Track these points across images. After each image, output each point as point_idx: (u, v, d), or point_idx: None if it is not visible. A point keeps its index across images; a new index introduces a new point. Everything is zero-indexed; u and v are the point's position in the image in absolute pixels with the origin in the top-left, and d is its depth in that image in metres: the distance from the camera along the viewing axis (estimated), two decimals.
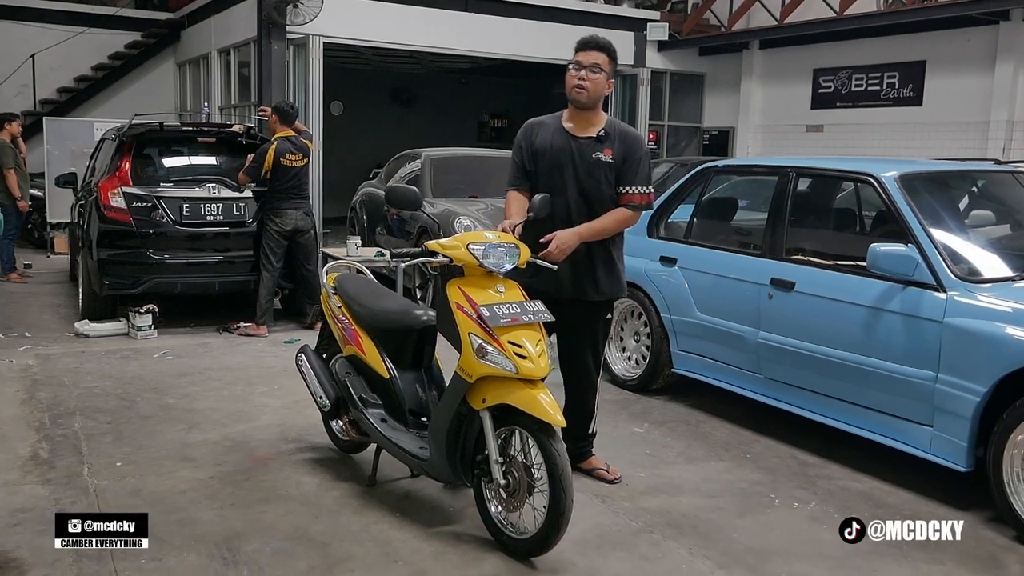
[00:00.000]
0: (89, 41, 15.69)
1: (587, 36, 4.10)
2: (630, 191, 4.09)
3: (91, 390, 5.83)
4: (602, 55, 4.03)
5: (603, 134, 4.08)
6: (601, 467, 4.42)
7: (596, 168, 4.06)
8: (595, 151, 4.06)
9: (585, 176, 4.07)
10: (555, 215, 4.03)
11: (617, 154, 4.07)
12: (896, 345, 4.33)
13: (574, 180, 4.07)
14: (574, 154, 4.07)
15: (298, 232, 7.78)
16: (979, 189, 5.60)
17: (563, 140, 4.11)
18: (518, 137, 4.28)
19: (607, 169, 4.07)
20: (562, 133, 4.13)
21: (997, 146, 12.27)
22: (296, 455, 4.73)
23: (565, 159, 4.08)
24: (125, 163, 7.62)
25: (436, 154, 10.12)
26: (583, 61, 4.03)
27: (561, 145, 4.10)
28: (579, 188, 4.07)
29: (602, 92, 4.06)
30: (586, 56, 4.03)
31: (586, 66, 4.01)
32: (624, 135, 4.12)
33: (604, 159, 4.05)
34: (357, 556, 3.59)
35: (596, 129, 4.09)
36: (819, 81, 14.80)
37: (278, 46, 12.84)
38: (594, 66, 4.00)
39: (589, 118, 4.12)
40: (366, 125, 19.29)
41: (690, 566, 3.57)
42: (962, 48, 12.83)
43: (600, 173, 4.06)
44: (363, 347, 4.25)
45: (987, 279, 4.24)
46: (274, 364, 6.63)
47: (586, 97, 4.04)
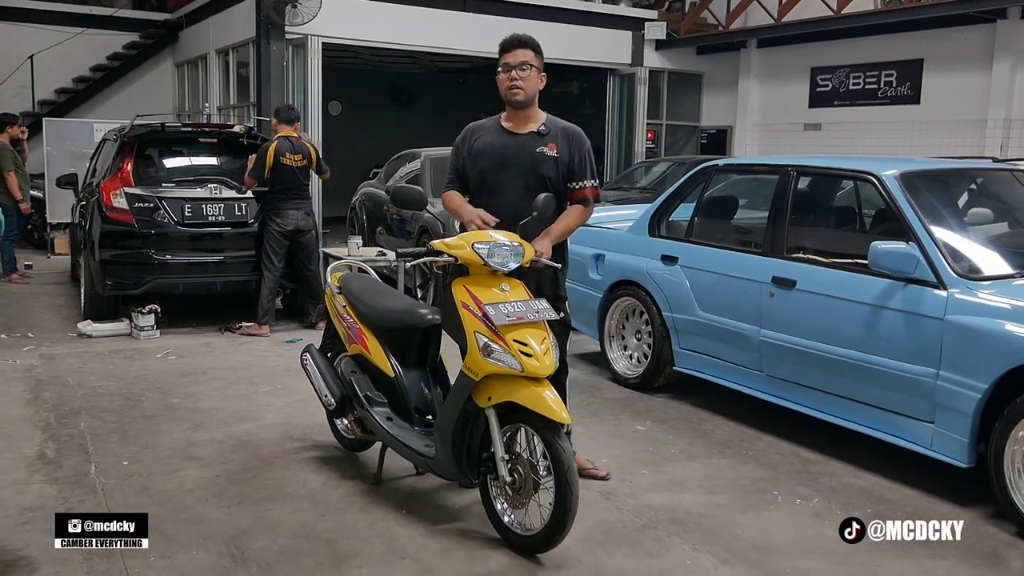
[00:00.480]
0: (87, 42, 15.69)
1: (508, 36, 4.06)
2: (582, 186, 4.09)
3: (96, 390, 5.86)
4: (527, 51, 3.99)
5: (544, 129, 4.06)
6: (588, 466, 4.38)
7: (541, 163, 4.03)
8: (538, 146, 4.04)
9: (529, 172, 4.03)
10: (500, 214, 3.94)
11: (563, 150, 4.05)
12: (897, 342, 4.36)
13: (518, 176, 4.03)
14: (516, 151, 4.05)
15: (299, 232, 7.79)
16: (978, 187, 5.64)
17: (503, 138, 4.09)
18: (457, 140, 4.30)
19: (552, 164, 4.04)
20: (502, 132, 4.11)
21: (994, 144, 12.31)
22: (301, 453, 4.75)
23: (507, 156, 4.05)
24: (127, 164, 7.64)
25: (436, 154, 10.13)
26: (511, 62, 3.99)
27: (502, 143, 4.08)
28: (524, 184, 4.01)
29: (536, 88, 4.03)
30: (513, 56, 3.99)
31: (515, 66, 3.97)
32: (566, 131, 4.10)
33: (549, 153, 4.03)
34: (364, 553, 3.62)
35: (536, 125, 4.07)
36: (817, 80, 14.83)
37: (276, 46, 12.86)
38: (523, 64, 3.97)
39: (527, 115, 4.08)
40: (365, 125, 19.31)
41: (694, 562, 3.60)
42: (959, 46, 12.87)
43: (545, 168, 4.03)
44: (368, 346, 4.27)
45: (987, 276, 4.27)
46: (277, 363, 6.65)
47: (523, 96, 4.00)
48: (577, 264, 6.62)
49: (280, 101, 12.80)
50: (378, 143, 18.06)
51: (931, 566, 3.60)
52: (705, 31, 16.19)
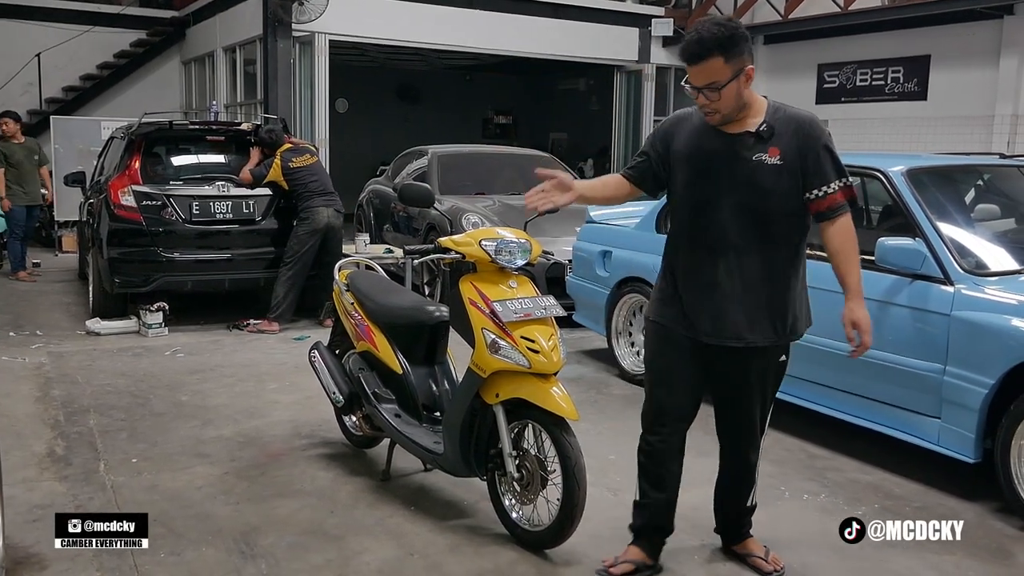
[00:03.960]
0: (94, 40, 15.71)
1: (687, 38, 3.05)
2: (826, 191, 3.09)
3: (104, 387, 5.89)
4: (715, 61, 2.97)
5: (764, 128, 3.08)
6: (758, 554, 3.53)
7: (758, 174, 3.08)
8: (755, 152, 3.08)
9: (744, 185, 3.09)
10: (705, 240, 3.17)
11: (789, 151, 3.07)
12: (904, 338, 4.36)
13: (729, 191, 3.11)
14: (726, 157, 3.12)
15: (331, 230, 7.85)
16: (985, 183, 5.63)
17: (712, 140, 3.16)
18: (655, 131, 3.40)
19: (774, 174, 3.08)
20: (710, 131, 3.17)
21: (1002, 140, 12.27)
22: (310, 450, 4.77)
23: (715, 164, 3.14)
24: (135, 162, 7.67)
25: (443, 151, 10.16)
26: (695, 83, 3.04)
27: (710, 147, 3.15)
28: (737, 202, 3.10)
29: (740, 97, 3.05)
30: (696, 74, 3.03)
31: (701, 88, 3.03)
32: (795, 123, 3.11)
33: (769, 161, 3.07)
34: (372, 549, 3.64)
35: (755, 122, 3.11)
36: (824, 76, 14.80)
37: (284, 44, 12.86)
38: (711, 86, 3.00)
39: (745, 114, 3.13)
40: (371, 122, 19.32)
41: (702, 556, 3.61)
42: (966, 42, 12.83)
43: (765, 180, 3.08)
44: (376, 343, 4.29)
45: (994, 272, 4.28)
46: (285, 360, 6.67)
47: (720, 118, 3.10)
48: (584, 261, 6.65)
49: (287, 99, 12.85)
50: (385, 140, 18.08)
51: (938, 561, 3.60)
52: None
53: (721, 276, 3.16)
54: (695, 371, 3.31)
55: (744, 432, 3.42)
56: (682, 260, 3.27)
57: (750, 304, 3.17)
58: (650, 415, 3.40)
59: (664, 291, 3.35)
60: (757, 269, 3.15)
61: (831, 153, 3.11)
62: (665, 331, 3.31)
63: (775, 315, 3.21)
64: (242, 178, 7.83)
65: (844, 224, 3.14)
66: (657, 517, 3.44)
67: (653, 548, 3.47)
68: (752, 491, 3.53)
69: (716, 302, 3.18)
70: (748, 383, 3.31)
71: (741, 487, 3.52)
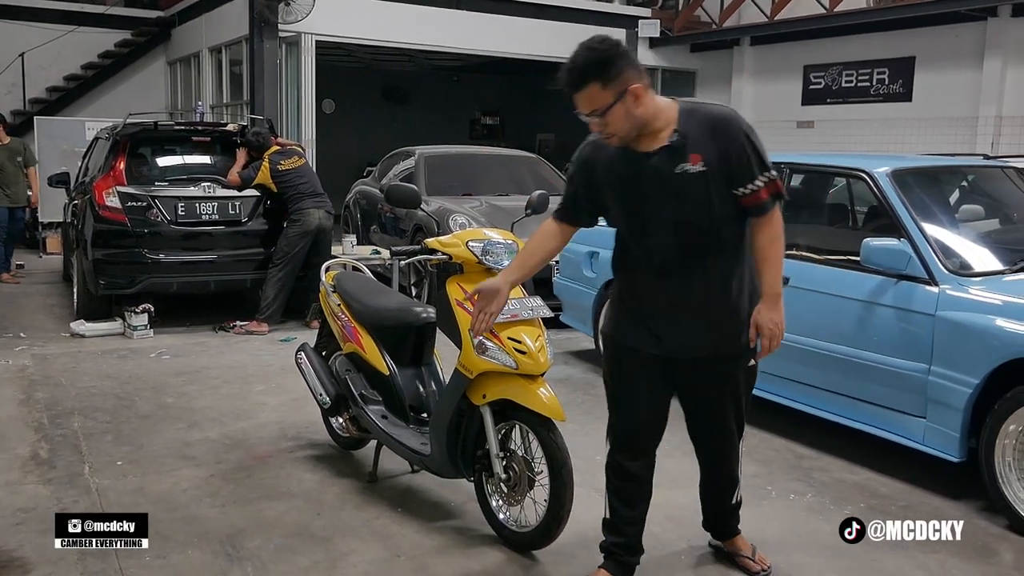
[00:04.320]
0: (79, 40, 15.63)
1: (564, 66, 2.90)
2: (754, 187, 2.93)
3: (89, 390, 5.85)
4: (591, 88, 2.84)
5: (677, 137, 2.91)
6: (746, 553, 3.51)
7: (686, 186, 2.92)
8: (676, 165, 2.91)
9: (676, 201, 2.94)
10: (651, 263, 3.05)
11: (711, 155, 2.91)
12: (889, 338, 4.38)
13: (664, 211, 2.96)
14: (649, 178, 2.96)
15: (322, 231, 7.85)
16: (969, 184, 5.66)
17: (631, 164, 2.99)
18: (572, 166, 3.22)
19: (702, 182, 2.91)
20: (627, 154, 2.99)
21: (986, 141, 12.35)
22: (296, 452, 4.76)
23: (641, 188, 2.98)
24: (120, 162, 7.63)
25: (430, 152, 10.15)
26: (581, 109, 2.92)
27: (631, 172, 2.99)
28: (674, 220, 2.96)
29: (634, 117, 2.88)
30: (579, 102, 2.90)
31: (588, 115, 2.91)
32: (712, 123, 2.94)
33: (693, 170, 2.90)
34: (359, 551, 3.63)
35: (667, 134, 2.94)
36: (810, 77, 14.86)
37: (270, 44, 12.83)
38: (594, 112, 2.88)
39: (651, 129, 2.95)
40: (358, 123, 19.30)
41: (689, 557, 3.62)
42: (951, 44, 12.90)
43: (695, 191, 2.92)
44: (363, 344, 4.29)
45: (978, 273, 4.30)
46: (271, 362, 6.65)
47: (619, 140, 2.95)
48: (571, 262, 6.65)
49: (274, 99, 12.82)
50: (371, 141, 18.05)
51: (924, 560, 3.62)
52: (698, 29, 16.21)
53: (675, 295, 3.04)
54: (659, 387, 3.22)
55: (720, 441, 3.35)
56: (633, 283, 3.16)
57: (711, 315, 3.06)
58: (616, 433, 3.33)
59: (619, 309, 3.25)
60: (711, 281, 3.03)
61: (753, 146, 2.93)
62: (624, 349, 3.21)
63: (737, 321, 3.08)
64: (230, 181, 7.81)
65: (769, 222, 2.98)
66: (627, 536, 3.34)
67: (624, 572, 3.36)
68: (736, 490, 3.48)
69: (675, 320, 3.07)
70: (721, 393, 3.22)
71: (724, 489, 3.47)
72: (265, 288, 7.70)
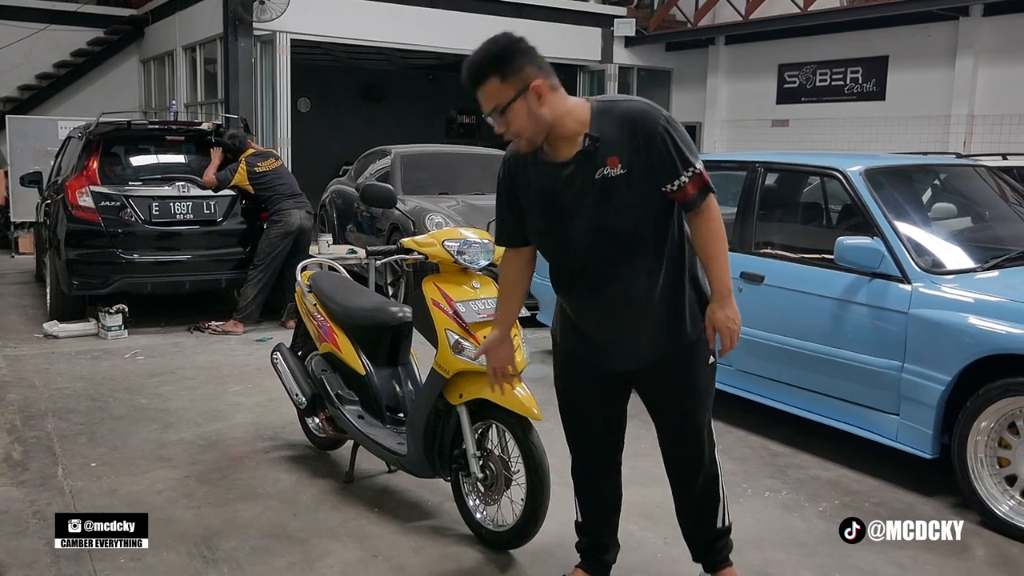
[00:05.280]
0: (51, 38, 15.49)
1: (463, 66, 2.74)
2: (680, 183, 2.71)
3: (62, 391, 5.80)
4: (492, 81, 2.68)
5: (591, 140, 2.72)
6: None
7: (607, 191, 2.72)
8: (595, 170, 2.72)
9: (598, 209, 2.74)
10: (583, 279, 2.86)
11: (629, 154, 2.70)
12: (863, 336, 4.42)
13: (587, 222, 2.76)
14: (568, 188, 2.76)
15: (302, 232, 7.82)
16: (941, 182, 5.72)
17: (547, 176, 2.80)
18: (498, 186, 3.00)
19: (624, 185, 2.71)
20: (542, 166, 2.81)
21: (958, 140, 12.50)
22: (272, 453, 4.73)
23: (561, 200, 2.79)
24: (93, 162, 7.57)
25: (406, 151, 10.12)
26: (483, 107, 2.75)
27: (549, 184, 2.80)
28: (599, 229, 2.76)
29: (539, 118, 2.69)
30: (481, 100, 2.73)
31: (489, 112, 2.74)
32: (626, 120, 2.72)
33: (613, 173, 2.70)
34: (336, 552, 3.61)
35: (580, 138, 2.74)
36: (784, 76, 14.97)
37: (244, 43, 12.77)
38: (495, 108, 2.71)
39: (563, 135, 2.75)
40: (334, 122, 19.25)
41: (665, 555, 3.64)
42: (923, 43, 13.04)
43: (617, 195, 2.72)
44: (339, 344, 4.27)
45: (950, 271, 4.34)
46: (247, 363, 6.62)
47: (527, 143, 2.76)
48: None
49: (249, 98, 12.76)
50: (347, 140, 18.03)
51: (897, 556, 3.65)
52: (674, 28, 16.28)
53: (613, 307, 2.85)
54: (611, 395, 3.08)
55: (688, 450, 3.07)
56: (569, 300, 2.97)
57: (654, 322, 2.85)
58: (570, 441, 3.23)
59: (563, 317, 3.06)
60: (650, 286, 2.81)
61: (673, 140, 2.70)
62: (573, 360, 3.06)
63: (682, 320, 2.88)
64: (205, 182, 7.76)
65: (705, 217, 2.77)
66: (600, 536, 3.28)
67: (600, 572, 3.29)
68: (718, 511, 3.14)
69: (618, 331, 2.89)
70: (681, 393, 2.99)
71: (705, 508, 3.14)
72: (245, 288, 7.67)
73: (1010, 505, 3.86)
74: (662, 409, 3.07)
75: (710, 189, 2.78)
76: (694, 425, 3.03)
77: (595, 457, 3.21)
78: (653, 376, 2.99)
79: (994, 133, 12.40)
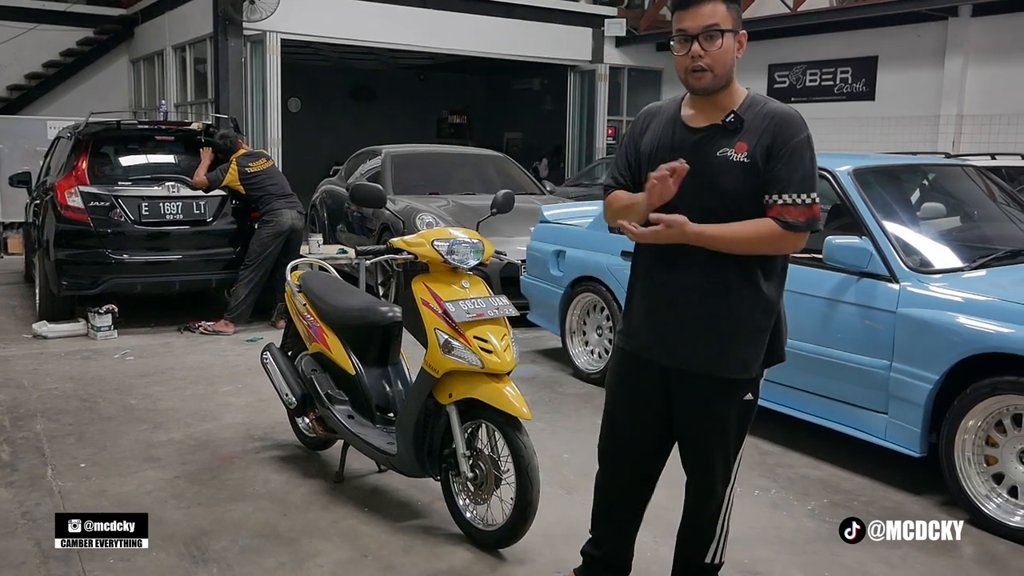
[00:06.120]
0: (40, 37, 15.43)
1: None
2: (781, 200, 2.58)
3: (52, 392, 5.78)
4: (717, 5, 2.59)
5: (733, 119, 2.64)
6: None
7: (721, 172, 2.62)
8: (721, 147, 2.64)
9: (705, 187, 2.62)
10: (663, 250, 2.69)
11: (757, 147, 2.61)
12: (852, 335, 4.43)
13: (690, 194, 2.59)
14: (689, 155, 2.61)
15: (294, 231, 7.82)
16: (930, 182, 5.74)
17: (676, 136, 2.72)
18: (628, 132, 2.92)
19: (738, 173, 2.61)
20: (677, 125, 2.74)
21: (947, 140, 12.55)
22: (262, 453, 4.73)
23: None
24: (82, 162, 7.54)
25: (396, 151, 10.13)
26: (690, 28, 2.60)
27: (673, 144, 2.71)
28: (697, 207, 2.60)
29: (730, 64, 2.64)
30: (694, 17, 2.59)
31: (696, 34, 2.59)
32: (771, 119, 2.63)
33: (735, 158, 2.61)
34: (326, 552, 3.61)
35: (724, 114, 2.67)
36: (774, 76, 15.01)
37: (235, 43, 12.74)
38: (710, 29, 2.58)
39: (717, 101, 2.68)
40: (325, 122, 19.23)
41: (655, 553, 3.64)
42: (913, 44, 13.09)
43: (727, 180, 2.62)
44: (329, 344, 4.27)
45: (939, 270, 4.36)
46: (237, 363, 6.61)
47: (710, 80, 2.63)
48: (538, 260, 6.66)
49: (239, 98, 12.73)
50: (338, 140, 18.01)
51: (886, 554, 3.66)
52: (664, 28, 16.28)
53: (679, 290, 2.71)
54: (653, 400, 2.87)
55: (700, 479, 2.93)
56: (644, 274, 2.83)
57: (710, 328, 2.71)
58: (602, 451, 3.07)
59: (626, 308, 2.93)
60: (724, 290, 2.68)
61: (803, 156, 2.60)
62: (623, 354, 2.92)
63: (737, 336, 2.73)
64: (196, 183, 7.73)
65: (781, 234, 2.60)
66: (610, 555, 3.16)
67: None
68: (713, 546, 2.99)
69: (673, 314, 2.74)
70: (705, 424, 2.84)
71: (700, 537, 3.00)
72: (236, 288, 7.66)
73: (997, 503, 3.89)
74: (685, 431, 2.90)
75: (814, 228, 2.64)
76: (719, 458, 2.88)
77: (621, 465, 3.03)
78: (690, 390, 2.80)
79: (983, 133, 12.45)
